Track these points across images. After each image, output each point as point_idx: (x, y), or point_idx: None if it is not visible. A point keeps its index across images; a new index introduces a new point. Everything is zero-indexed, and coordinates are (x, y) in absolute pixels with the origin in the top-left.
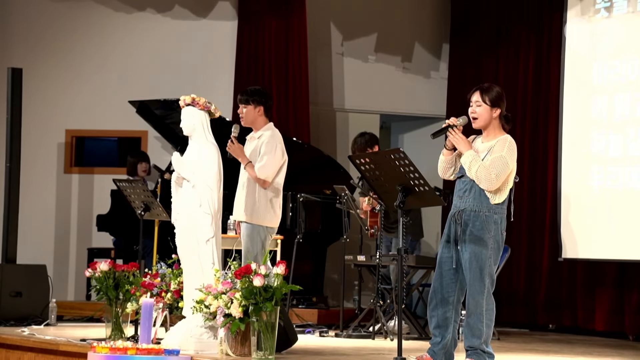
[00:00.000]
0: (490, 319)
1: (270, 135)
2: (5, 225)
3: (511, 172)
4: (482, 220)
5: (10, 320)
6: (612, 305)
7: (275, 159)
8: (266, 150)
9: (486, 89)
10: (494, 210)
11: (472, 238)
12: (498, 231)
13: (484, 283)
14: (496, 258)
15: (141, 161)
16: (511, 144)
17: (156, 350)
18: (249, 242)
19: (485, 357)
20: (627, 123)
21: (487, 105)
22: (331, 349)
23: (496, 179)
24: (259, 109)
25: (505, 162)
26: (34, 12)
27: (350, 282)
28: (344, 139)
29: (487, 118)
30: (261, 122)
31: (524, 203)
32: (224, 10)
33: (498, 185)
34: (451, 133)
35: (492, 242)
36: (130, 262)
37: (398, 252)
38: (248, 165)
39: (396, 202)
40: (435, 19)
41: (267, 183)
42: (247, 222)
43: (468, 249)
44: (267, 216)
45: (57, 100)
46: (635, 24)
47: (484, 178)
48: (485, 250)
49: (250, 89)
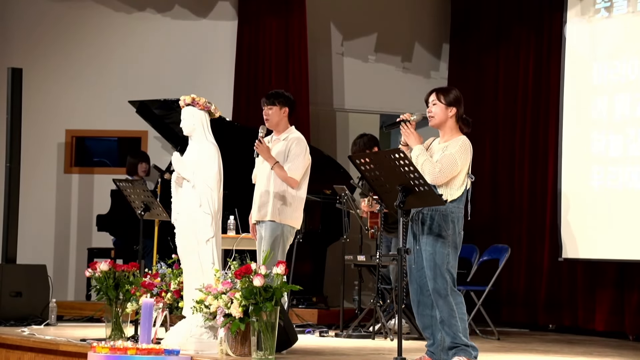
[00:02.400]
0: (462, 312)
1: (299, 138)
2: (5, 225)
3: (460, 171)
4: (439, 219)
5: (10, 320)
6: (612, 306)
7: (305, 162)
8: (297, 151)
9: (442, 90)
10: (450, 209)
11: (431, 238)
12: (455, 230)
13: (445, 279)
14: (454, 256)
15: (141, 161)
16: (464, 143)
17: (156, 350)
18: (273, 241)
19: (469, 350)
20: (627, 123)
21: (442, 104)
22: (331, 349)
23: (439, 173)
24: (284, 110)
25: (454, 160)
26: (34, 12)
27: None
28: (344, 139)
29: (442, 117)
30: (284, 125)
31: (524, 203)
32: (224, 10)
33: (442, 181)
34: (403, 127)
35: (450, 240)
36: (130, 262)
37: (398, 252)
38: (276, 165)
39: (396, 202)
40: (435, 19)
41: (295, 184)
42: (273, 221)
43: (428, 249)
44: (294, 215)
45: (57, 100)
46: (635, 24)
47: (428, 171)
48: (444, 247)
49: (275, 91)
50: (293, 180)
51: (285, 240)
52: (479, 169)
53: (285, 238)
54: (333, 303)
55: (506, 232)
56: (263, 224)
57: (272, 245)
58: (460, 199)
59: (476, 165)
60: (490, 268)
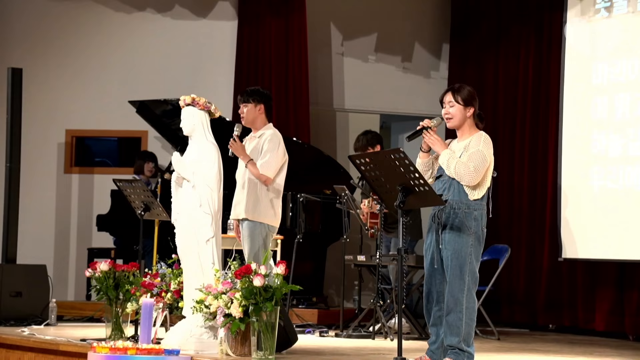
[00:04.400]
0: (470, 318)
1: (272, 134)
2: (5, 225)
3: (489, 165)
4: (461, 217)
5: (10, 320)
6: (612, 306)
7: (278, 158)
8: (269, 148)
9: (458, 89)
10: (474, 207)
11: (452, 235)
12: (479, 227)
13: (464, 280)
14: (477, 255)
15: (148, 161)
16: (486, 138)
17: (156, 350)
18: (251, 240)
19: (464, 356)
20: (627, 123)
21: (460, 104)
22: (331, 349)
23: (475, 172)
24: (259, 107)
25: (483, 155)
26: (34, 12)
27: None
28: (344, 139)
29: (460, 118)
30: (261, 122)
31: (524, 203)
32: (224, 10)
33: (479, 179)
34: (426, 135)
35: (472, 238)
36: (130, 262)
37: (398, 252)
38: (250, 163)
39: (396, 202)
40: (435, 19)
41: (268, 181)
42: (248, 220)
43: (449, 246)
44: (269, 213)
45: (57, 100)
46: (635, 24)
47: (464, 173)
48: (466, 247)
49: (250, 88)
50: (265, 177)
51: (264, 237)
52: None
53: (263, 236)
54: (333, 303)
55: (506, 232)
56: (242, 222)
57: (252, 246)
58: (484, 196)
59: None
60: (490, 268)
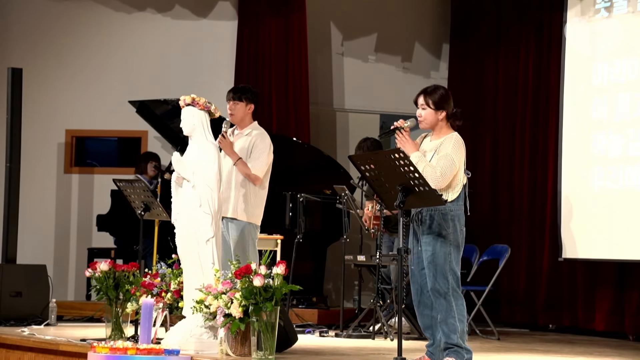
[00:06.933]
0: (462, 314)
1: (263, 134)
2: (5, 225)
3: (459, 169)
4: (438, 219)
5: (10, 320)
6: (612, 306)
7: (269, 159)
8: (262, 147)
9: (430, 92)
10: (449, 208)
11: (431, 237)
12: (456, 228)
13: (447, 279)
14: (457, 255)
15: (151, 160)
16: (457, 141)
17: (156, 350)
18: (241, 240)
19: (463, 353)
20: (627, 123)
21: (431, 108)
22: (331, 349)
23: (441, 177)
24: (249, 106)
25: (451, 160)
26: (34, 12)
27: (350, 282)
28: (344, 139)
29: (432, 120)
30: (248, 120)
31: (524, 203)
32: (224, 10)
33: (445, 184)
34: (398, 135)
35: (451, 238)
36: (130, 262)
37: (398, 252)
38: (239, 161)
39: (396, 202)
40: (435, 19)
41: (258, 180)
42: (238, 220)
43: (428, 248)
44: (256, 212)
45: (57, 100)
46: (635, 24)
47: (431, 177)
48: (445, 247)
49: (242, 86)
50: (256, 177)
51: (252, 238)
52: (479, 169)
53: (253, 236)
54: (333, 303)
55: (506, 232)
56: (226, 220)
57: (242, 248)
58: (459, 197)
59: (476, 165)
60: (490, 268)
